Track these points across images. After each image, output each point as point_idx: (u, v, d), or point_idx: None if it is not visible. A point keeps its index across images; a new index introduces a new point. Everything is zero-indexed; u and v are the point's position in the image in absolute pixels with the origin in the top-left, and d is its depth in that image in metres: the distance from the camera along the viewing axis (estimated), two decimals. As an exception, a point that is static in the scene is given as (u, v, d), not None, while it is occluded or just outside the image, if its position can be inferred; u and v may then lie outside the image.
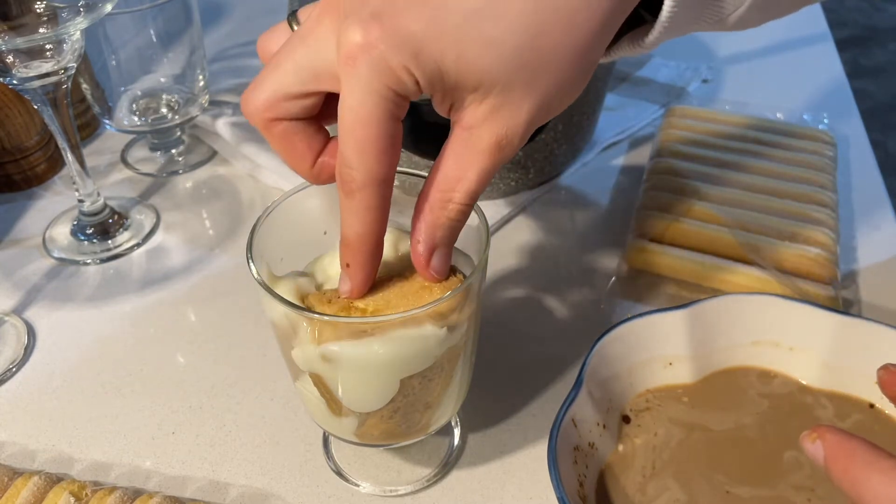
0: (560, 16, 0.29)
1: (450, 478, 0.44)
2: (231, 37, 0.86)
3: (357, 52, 0.29)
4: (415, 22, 0.29)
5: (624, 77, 0.76)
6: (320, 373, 0.36)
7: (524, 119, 0.31)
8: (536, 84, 0.30)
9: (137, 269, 0.59)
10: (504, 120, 0.31)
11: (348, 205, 0.33)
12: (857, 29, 2.54)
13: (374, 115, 0.30)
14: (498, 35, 0.29)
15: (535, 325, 0.53)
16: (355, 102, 0.30)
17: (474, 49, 0.29)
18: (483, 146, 0.32)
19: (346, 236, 0.34)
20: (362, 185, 0.32)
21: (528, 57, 0.30)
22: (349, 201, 0.32)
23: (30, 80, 0.50)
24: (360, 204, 0.32)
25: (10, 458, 0.46)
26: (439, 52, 0.29)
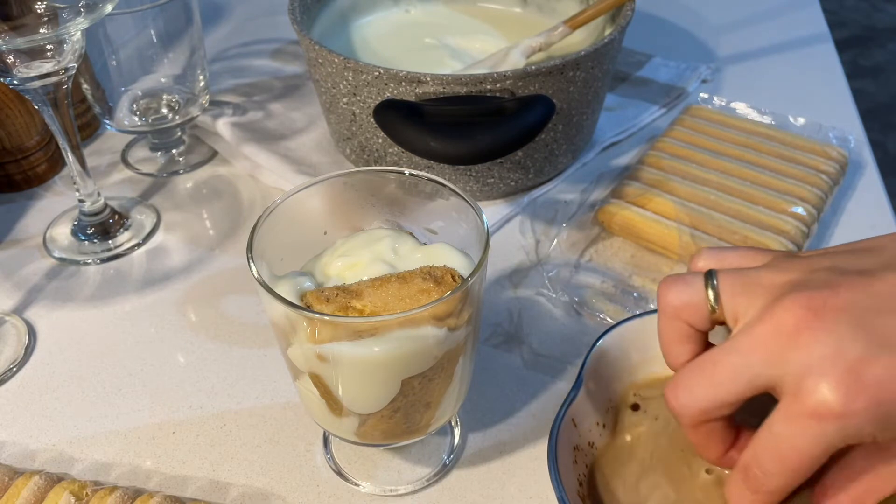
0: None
1: (450, 478, 0.44)
2: (231, 37, 0.86)
3: (830, 416, 0.29)
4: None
5: (624, 77, 0.77)
6: (319, 373, 0.36)
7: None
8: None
9: (138, 269, 0.59)
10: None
11: (749, 499, 0.33)
12: (856, 29, 2.54)
13: (816, 456, 0.30)
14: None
15: (535, 325, 0.53)
16: (804, 444, 0.30)
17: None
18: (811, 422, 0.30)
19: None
20: (770, 491, 0.32)
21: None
22: (751, 495, 0.33)
23: (30, 81, 0.50)
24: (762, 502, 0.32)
25: (11, 457, 0.46)
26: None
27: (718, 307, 0.33)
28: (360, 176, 0.42)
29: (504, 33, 0.70)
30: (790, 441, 0.30)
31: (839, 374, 0.28)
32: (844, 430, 0.29)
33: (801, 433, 0.30)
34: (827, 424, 0.29)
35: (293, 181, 0.62)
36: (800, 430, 0.30)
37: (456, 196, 0.39)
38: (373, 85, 0.55)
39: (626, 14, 0.61)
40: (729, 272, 0.33)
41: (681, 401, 0.33)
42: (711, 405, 0.32)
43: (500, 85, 0.54)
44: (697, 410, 0.32)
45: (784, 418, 0.30)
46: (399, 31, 0.71)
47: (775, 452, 0.31)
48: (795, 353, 0.30)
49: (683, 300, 0.34)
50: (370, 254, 0.39)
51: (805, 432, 0.29)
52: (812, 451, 0.30)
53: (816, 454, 0.30)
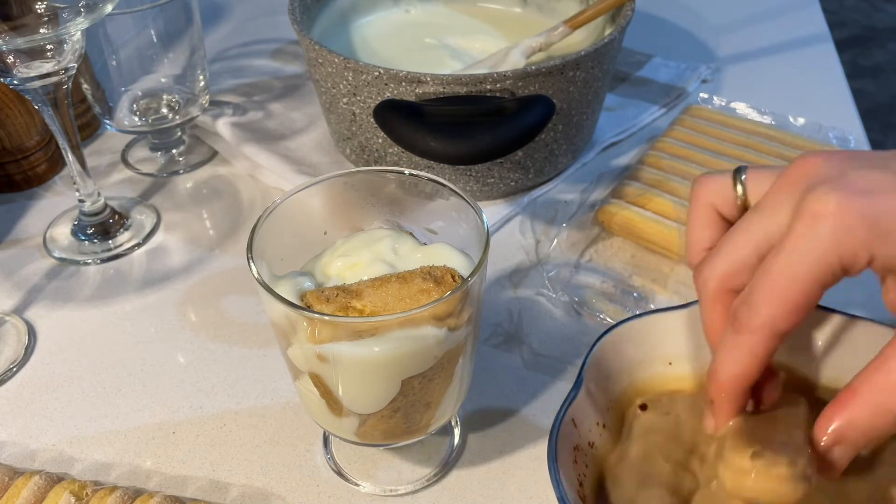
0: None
1: (450, 477, 0.44)
2: (231, 37, 0.86)
3: (825, 213, 0.29)
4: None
5: (624, 77, 0.77)
6: (319, 373, 0.36)
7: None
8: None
9: (138, 269, 0.59)
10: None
11: (732, 342, 0.32)
12: (856, 29, 2.54)
13: (809, 275, 0.30)
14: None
15: (535, 325, 0.53)
16: (795, 256, 0.30)
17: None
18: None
19: (717, 373, 0.33)
20: (757, 328, 0.31)
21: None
22: (735, 338, 0.32)
23: (30, 81, 0.50)
24: (745, 345, 0.32)
25: (11, 457, 0.46)
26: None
27: (745, 192, 0.35)
28: (360, 176, 0.42)
29: (504, 33, 0.70)
30: (783, 262, 0.30)
31: (842, 190, 0.29)
32: (835, 233, 0.29)
33: (793, 246, 0.30)
34: (820, 226, 0.29)
35: (293, 181, 0.62)
36: (792, 245, 0.30)
37: (456, 196, 0.39)
38: (373, 85, 0.55)
39: (626, 14, 0.61)
40: (756, 167, 0.36)
41: (703, 273, 0.34)
42: (730, 268, 0.33)
43: (500, 85, 0.54)
44: (718, 276, 0.33)
45: (778, 246, 0.31)
46: (399, 31, 0.71)
47: (766, 279, 0.31)
48: (800, 191, 0.31)
49: (714, 187, 0.36)
50: (370, 254, 0.39)
51: (797, 244, 0.30)
52: (805, 268, 0.30)
53: (811, 276, 0.30)
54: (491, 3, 0.74)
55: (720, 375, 0.33)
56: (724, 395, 0.34)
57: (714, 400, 0.34)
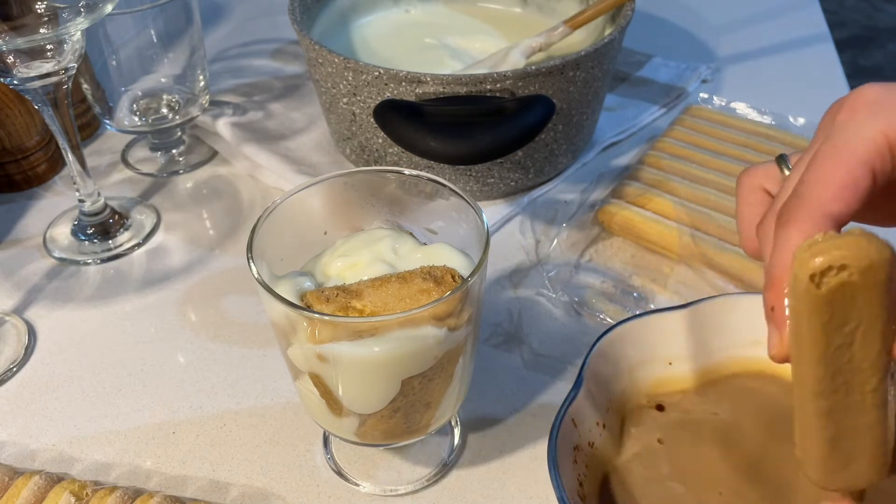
0: None
1: (450, 477, 0.44)
2: (231, 37, 0.86)
3: (864, 97, 0.30)
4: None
5: (624, 77, 0.77)
6: (319, 373, 0.36)
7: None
8: None
9: (138, 269, 0.59)
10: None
11: (783, 236, 0.29)
12: (856, 29, 2.54)
13: (854, 152, 0.29)
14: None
15: (535, 325, 0.53)
16: (839, 137, 0.29)
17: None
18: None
19: (770, 274, 0.29)
20: (806, 214, 0.29)
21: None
22: (786, 230, 0.29)
23: (30, 81, 0.50)
24: (797, 234, 0.28)
25: (11, 457, 0.46)
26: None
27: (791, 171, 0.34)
28: (360, 176, 0.42)
29: (504, 33, 0.70)
30: (828, 146, 0.29)
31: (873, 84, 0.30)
32: (875, 107, 0.29)
33: (836, 131, 0.29)
34: (859, 108, 0.29)
35: (293, 181, 0.62)
36: (835, 131, 0.29)
37: (456, 196, 0.39)
38: (373, 85, 0.55)
39: (626, 14, 0.61)
40: (797, 153, 0.35)
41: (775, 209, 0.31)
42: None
43: (500, 85, 0.54)
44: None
45: (835, 132, 0.30)
46: (399, 31, 0.71)
47: (810, 167, 0.29)
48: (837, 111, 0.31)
49: (759, 172, 0.36)
50: (370, 254, 0.39)
51: (839, 128, 0.29)
52: (849, 147, 0.28)
53: (855, 153, 0.28)
54: (491, 3, 0.74)
55: (774, 272, 0.29)
56: (777, 296, 0.29)
57: (775, 307, 0.29)
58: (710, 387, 0.43)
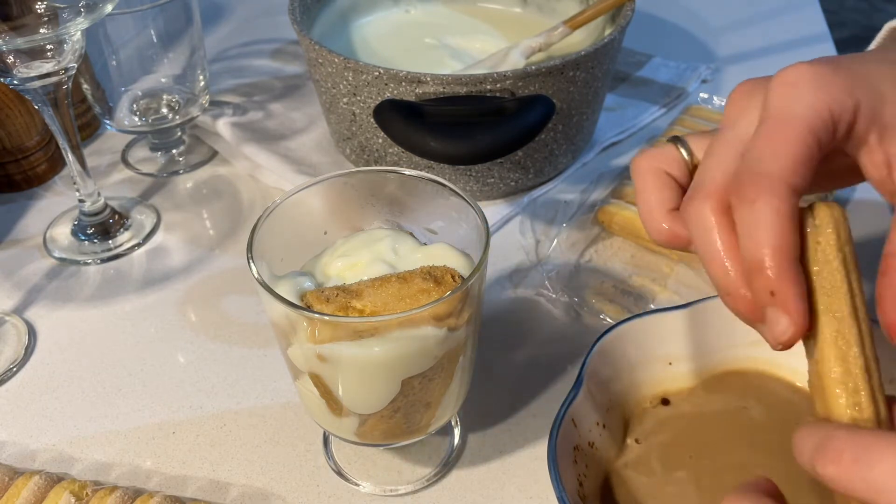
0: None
1: (450, 477, 0.44)
2: (231, 37, 0.86)
3: (801, 73, 0.30)
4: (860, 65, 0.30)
5: (624, 77, 0.77)
6: (319, 373, 0.36)
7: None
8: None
9: (138, 269, 0.59)
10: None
11: (751, 214, 0.28)
12: (857, 29, 2.54)
13: (802, 124, 0.28)
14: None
15: (535, 325, 0.53)
16: (784, 111, 0.29)
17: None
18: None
19: (756, 258, 0.28)
20: (769, 186, 0.28)
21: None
22: (751, 208, 0.28)
23: (30, 81, 0.50)
24: (766, 208, 0.28)
25: (11, 457, 0.46)
26: (878, 90, 0.29)
27: (691, 154, 0.35)
28: (360, 176, 0.42)
29: (504, 33, 0.70)
30: (772, 122, 0.29)
31: (797, 63, 0.31)
32: (816, 81, 0.30)
33: (778, 107, 0.30)
34: (801, 84, 0.30)
35: (293, 181, 0.62)
36: (775, 108, 0.30)
37: (456, 196, 0.39)
38: (373, 85, 0.55)
39: (626, 14, 0.61)
40: (692, 134, 0.35)
41: (695, 197, 0.31)
42: (725, 178, 0.31)
43: (500, 85, 0.54)
44: (713, 189, 0.31)
45: (762, 118, 0.30)
46: (399, 31, 0.71)
47: (759, 142, 0.29)
48: (763, 89, 0.32)
49: (658, 154, 0.35)
50: (370, 254, 0.39)
51: (781, 104, 0.30)
52: (797, 113, 0.29)
53: (805, 121, 0.29)
54: (491, 3, 0.74)
55: (760, 258, 0.28)
56: (782, 275, 0.28)
57: (774, 291, 0.28)
58: (711, 385, 0.43)
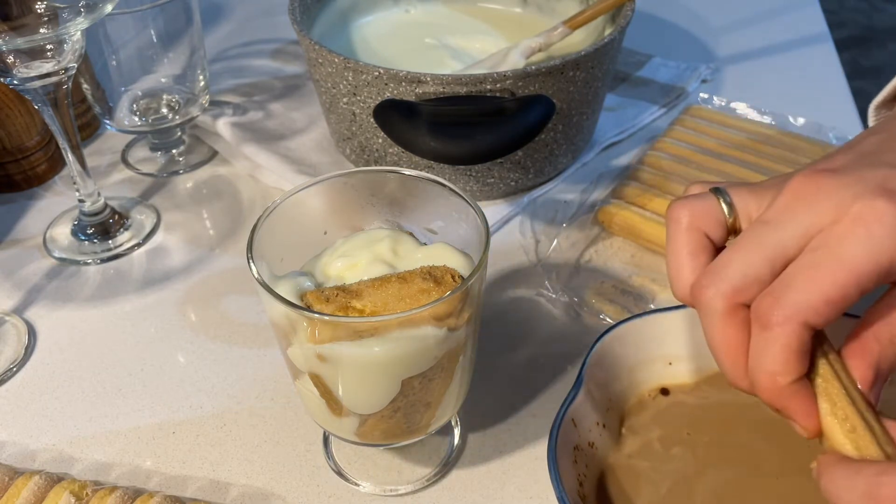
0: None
1: (450, 477, 0.44)
2: (231, 37, 0.86)
3: (880, 214, 0.29)
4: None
5: (624, 77, 0.77)
6: (319, 373, 0.36)
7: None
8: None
9: (138, 269, 0.59)
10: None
11: (761, 340, 0.30)
12: (856, 29, 2.54)
13: (854, 269, 0.29)
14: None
15: (535, 325, 0.53)
16: (846, 249, 0.29)
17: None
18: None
19: (757, 380, 0.30)
20: (784, 319, 0.29)
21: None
22: (762, 334, 0.30)
23: (30, 81, 0.50)
24: (776, 339, 0.29)
25: (11, 457, 0.46)
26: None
27: (733, 212, 0.34)
28: (360, 176, 0.42)
29: (504, 33, 0.70)
30: (824, 254, 0.29)
31: (873, 188, 0.29)
32: (893, 231, 0.28)
33: (840, 241, 0.29)
34: (873, 225, 0.28)
35: (293, 181, 0.62)
36: (838, 240, 0.29)
37: (456, 196, 0.39)
38: (373, 85, 0.55)
39: (626, 14, 0.61)
40: (734, 184, 0.34)
41: (709, 291, 0.31)
42: (743, 281, 0.31)
43: (500, 85, 0.54)
44: (731, 290, 0.31)
45: (818, 243, 0.30)
46: (399, 31, 0.71)
47: (800, 270, 0.29)
48: (823, 201, 0.30)
49: (699, 209, 0.33)
50: (370, 254, 0.39)
51: (845, 240, 0.29)
52: (857, 259, 0.28)
53: (862, 265, 0.29)
54: (491, 3, 0.74)
55: (763, 381, 0.30)
56: (781, 400, 0.30)
57: (780, 409, 0.31)
58: (714, 380, 0.43)
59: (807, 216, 0.30)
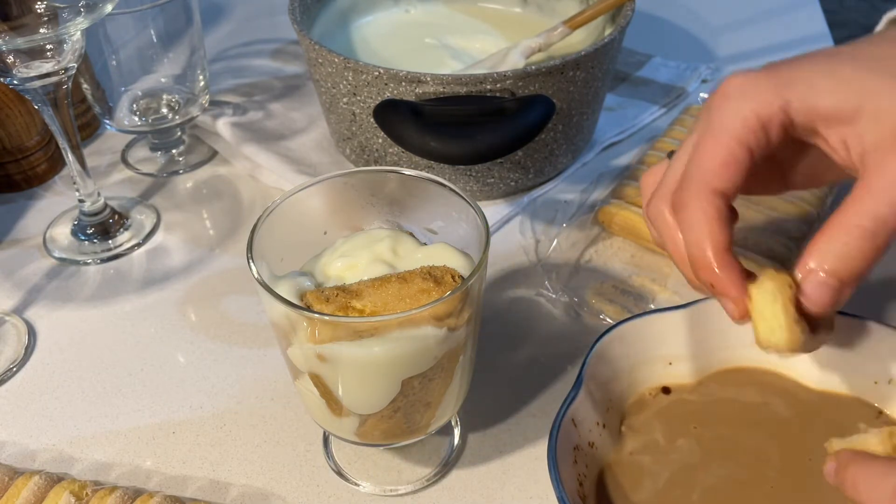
0: None
1: (450, 477, 0.44)
2: (231, 37, 0.86)
3: (729, 87, 0.33)
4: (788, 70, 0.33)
5: (624, 77, 0.77)
6: (319, 373, 0.36)
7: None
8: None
9: (138, 269, 0.59)
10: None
11: (684, 219, 0.33)
12: (856, 29, 2.54)
13: (728, 132, 0.32)
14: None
15: (535, 325, 0.53)
16: (713, 122, 0.33)
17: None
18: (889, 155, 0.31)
19: (691, 256, 0.33)
20: (695, 193, 0.33)
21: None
22: (683, 214, 0.33)
23: (30, 81, 0.50)
24: (695, 213, 0.33)
25: (11, 457, 0.46)
26: (809, 83, 0.32)
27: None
28: (360, 176, 0.42)
29: (504, 33, 0.70)
30: (701, 132, 0.33)
31: (735, 74, 0.34)
32: (742, 87, 0.33)
33: (708, 117, 0.33)
34: (728, 91, 0.33)
35: (293, 181, 0.62)
36: (706, 118, 0.34)
37: (456, 196, 0.39)
38: (373, 85, 0.55)
39: (626, 14, 0.61)
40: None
41: (649, 204, 0.36)
42: (674, 183, 0.35)
43: (500, 85, 0.54)
44: (666, 198, 0.35)
45: (710, 117, 0.33)
46: (399, 31, 0.71)
47: (693, 155, 0.33)
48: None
49: (659, 171, 0.38)
50: (370, 254, 0.39)
51: (710, 115, 0.33)
52: (724, 124, 0.32)
53: (730, 130, 0.32)
54: (491, 3, 0.74)
55: (694, 255, 0.33)
56: (710, 272, 0.33)
57: (711, 283, 0.33)
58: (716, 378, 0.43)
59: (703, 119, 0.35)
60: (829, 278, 0.31)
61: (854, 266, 0.31)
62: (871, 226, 0.30)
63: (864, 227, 0.30)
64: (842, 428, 0.40)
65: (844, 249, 0.30)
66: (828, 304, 0.31)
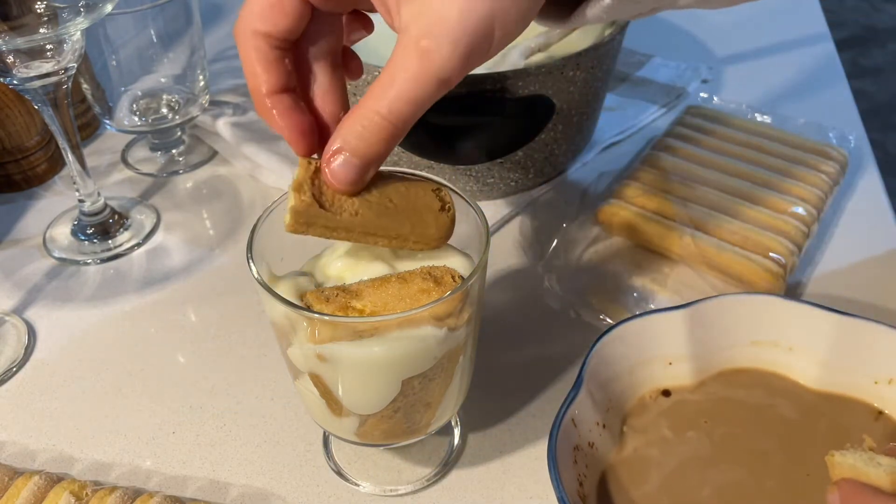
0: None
1: (450, 477, 0.44)
2: (231, 37, 0.86)
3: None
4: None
5: (624, 77, 0.77)
6: (319, 373, 0.36)
7: (454, 24, 0.32)
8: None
9: (138, 269, 0.59)
10: (428, 17, 0.32)
11: (241, 56, 0.37)
12: (856, 29, 2.54)
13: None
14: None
15: (535, 325, 0.53)
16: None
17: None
18: (411, 47, 0.33)
19: (251, 91, 0.36)
20: (237, 34, 0.37)
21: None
22: (240, 55, 0.37)
23: (30, 81, 0.50)
24: (242, 53, 0.37)
25: (11, 457, 0.46)
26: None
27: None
28: (360, 176, 0.42)
29: (504, 33, 0.70)
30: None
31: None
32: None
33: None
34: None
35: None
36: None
37: (456, 196, 0.39)
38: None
39: (626, 14, 0.61)
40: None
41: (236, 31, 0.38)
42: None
43: (500, 85, 0.54)
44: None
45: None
46: (399, 31, 0.71)
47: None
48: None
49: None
50: (370, 254, 0.39)
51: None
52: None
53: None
54: (491, 3, 0.74)
55: (249, 86, 0.36)
56: (265, 110, 0.35)
57: (269, 121, 0.35)
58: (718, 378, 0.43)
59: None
60: (352, 157, 0.34)
61: (371, 148, 0.34)
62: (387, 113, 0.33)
63: (382, 114, 0.34)
64: (843, 431, 0.40)
65: (363, 132, 0.34)
66: (344, 181, 0.34)
